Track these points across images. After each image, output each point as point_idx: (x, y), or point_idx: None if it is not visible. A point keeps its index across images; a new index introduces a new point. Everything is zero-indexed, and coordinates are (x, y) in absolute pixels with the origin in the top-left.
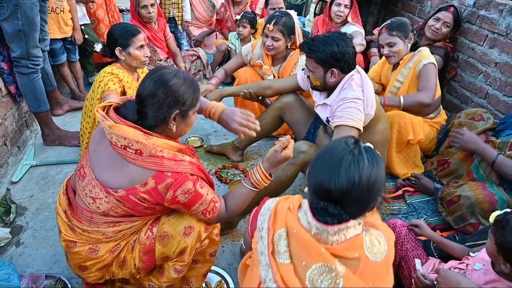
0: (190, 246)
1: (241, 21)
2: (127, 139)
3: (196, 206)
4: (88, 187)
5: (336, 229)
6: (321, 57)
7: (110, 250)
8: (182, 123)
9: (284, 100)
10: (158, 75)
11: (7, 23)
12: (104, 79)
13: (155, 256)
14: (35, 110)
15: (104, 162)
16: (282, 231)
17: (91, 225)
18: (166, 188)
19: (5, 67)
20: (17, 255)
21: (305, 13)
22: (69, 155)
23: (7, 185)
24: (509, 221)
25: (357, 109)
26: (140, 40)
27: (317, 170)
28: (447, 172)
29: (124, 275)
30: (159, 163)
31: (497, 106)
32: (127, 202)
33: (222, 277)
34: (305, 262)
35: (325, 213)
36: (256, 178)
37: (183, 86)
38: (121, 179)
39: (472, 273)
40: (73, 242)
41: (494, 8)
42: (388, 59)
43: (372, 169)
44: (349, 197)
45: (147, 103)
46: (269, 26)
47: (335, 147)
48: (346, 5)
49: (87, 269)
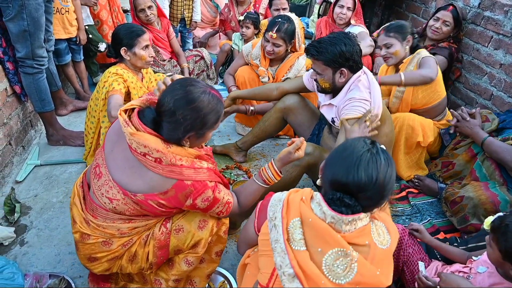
0: (204, 238)
1: (244, 22)
2: (147, 147)
3: (213, 209)
4: (104, 187)
5: (350, 219)
6: (330, 58)
7: (123, 244)
8: (197, 141)
9: (287, 101)
10: (181, 93)
11: (13, 23)
12: (109, 79)
13: (169, 250)
14: (39, 110)
15: (122, 165)
16: (296, 220)
17: (107, 220)
18: (186, 196)
19: (11, 67)
20: (21, 254)
21: (309, 14)
22: (73, 155)
23: (11, 184)
24: (508, 225)
25: (364, 108)
26: (145, 40)
27: (335, 165)
28: (452, 173)
29: (132, 270)
30: (178, 171)
31: (502, 108)
32: (145, 205)
33: (225, 277)
34: (320, 248)
35: (341, 203)
36: (268, 175)
37: (204, 109)
38: (140, 184)
39: (476, 276)
40: (87, 235)
41: (499, 9)
42: (386, 60)
43: (387, 169)
44: (365, 192)
45: (164, 119)
46: (272, 34)
47: (354, 144)
48: (348, 8)
49: (97, 260)
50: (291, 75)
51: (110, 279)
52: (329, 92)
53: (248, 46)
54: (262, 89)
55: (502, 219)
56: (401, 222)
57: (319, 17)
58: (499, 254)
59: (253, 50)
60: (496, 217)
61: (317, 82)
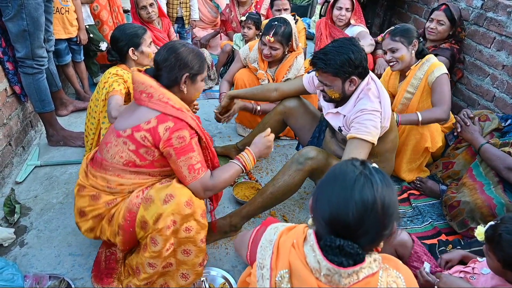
0: (165, 213)
1: (246, 22)
2: (144, 84)
3: (185, 158)
4: (106, 139)
5: (351, 271)
6: (339, 68)
7: (107, 201)
8: (191, 87)
9: (287, 104)
10: (170, 45)
11: (12, 23)
12: (109, 80)
13: (136, 218)
14: (39, 111)
15: (125, 115)
16: (284, 272)
17: (100, 170)
18: (165, 129)
19: (10, 67)
20: (21, 255)
21: (310, 15)
22: (73, 156)
23: (11, 185)
24: (501, 234)
25: (375, 121)
26: (149, 37)
27: (329, 198)
28: (451, 173)
29: (110, 234)
30: (163, 106)
31: (505, 109)
32: (132, 142)
33: (226, 279)
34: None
35: (340, 252)
36: (244, 158)
37: (191, 53)
38: (130, 121)
39: (479, 277)
40: (83, 187)
41: (502, 10)
42: (391, 65)
43: (386, 190)
44: (363, 225)
45: (161, 66)
46: (269, 38)
47: (344, 171)
48: (347, 9)
49: (85, 214)
50: (291, 76)
51: (113, 275)
52: (338, 101)
53: (245, 49)
54: (261, 89)
55: (494, 229)
56: (402, 224)
57: (320, 17)
58: (498, 263)
59: (250, 53)
60: (488, 227)
61: (324, 93)
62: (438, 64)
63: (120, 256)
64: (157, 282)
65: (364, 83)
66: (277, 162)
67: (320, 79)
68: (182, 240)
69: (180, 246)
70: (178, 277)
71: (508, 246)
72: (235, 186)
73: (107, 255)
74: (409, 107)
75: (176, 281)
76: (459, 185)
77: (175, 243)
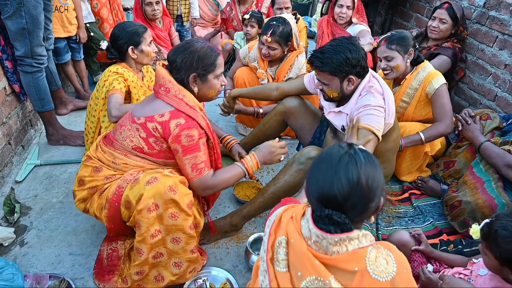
0: (145, 194)
1: (249, 21)
2: (164, 78)
3: (191, 156)
4: (122, 121)
5: (337, 239)
6: (336, 67)
7: (106, 176)
8: (203, 85)
9: (288, 104)
10: (179, 45)
11: (11, 21)
12: (109, 78)
13: (122, 196)
14: (39, 109)
15: (144, 103)
16: (282, 239)
17: (110, 147)
18: (176, 125)
19: (9, 65)
20: (21, 255)
21: (311, 13)
22: (73, 155)
23: (11, 184)
24: (497, 231)
25: (378, 116)
26: (149, 36)
27: (316, 178)
28: (452, 172)
29: (96, 207)
30: (178, 102)
31: (507, 109)
32: (144, 130)
33: (227, 279)
34: (300, 272)
35: (329, 221)
36: (248, 161)
37: (198, 52)
38: (146, 110)
39: (477, 279)
40: (89, 158)
41: (504, 8)
42: (385, 73)
43: (369, 167)
44: (350, 199)
45: (172, 67)
46: (266, 38)
47: (330, 152)
48: (348, 6)
49: (83, 184)
50: (292, 75)
51: (115, 272)
52: (337, 100)
53: (245, 49)
54: (262, 89)
55: (490, 226)
56: (403, 223)
57: (321, 15)
58: (496, 261)
59: (250, 53)
60: (483, 224)
61: (323, 92)
62: (435, 74)
63: (122, 253)
64: (151, 274)
65: (365, 81)
66: None
67: (319, 78)
68: (169, 228)
69: (169, 234)
70: (171, 266)
71: (504, 242)
72: (236, 186)
73: (109, 252)
74: (404, 115)
75: (169, 270)
76: (460, 183)
77: (162, 231)
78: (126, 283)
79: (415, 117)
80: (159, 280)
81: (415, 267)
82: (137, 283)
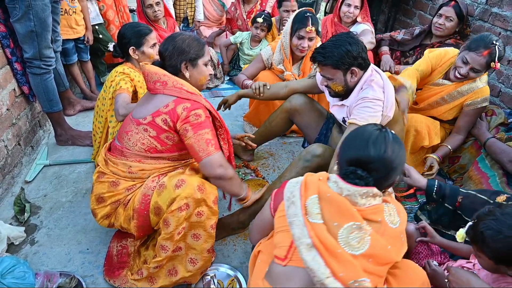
0: (179, 196)
1: (262, 24)
2: (157, 74)
3: (202, 132)
4: (125, 128)
5: (365, 191)
6: (338, 60)
7: (127, 187)
8: (194, 71)
9: (294, 102)
10: (169, 36)
11: (20, 24)
12: (116, 79)
13: (150, 203)
14: (48, 110)
15: (142, 104)
16: (314, 197)
17: (120, 157)
18: (183, 109)
19: (19, 67)
20: (32, 253)
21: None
22: (81, 155)
23: (21, 184)
24: (483, 232)
25: (373, 109)
26: (153, 38)
27: (348, 146)
28: (457, 167)
29: (124, 219)
30: (178, 91)
31: (510, 104)
32: (153, 128)
33: (235, 275)
34: (337, 223)
35: (354, 176)
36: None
37: (187, 40)
38: (149, 109)
39: (480, 272)
40: (103, 174)
41: (507, 5)
42: (463, 76)
43: (396, 145)
44: (374, 163)
45: (163, 56)
46: (310, 28)
47: (365, 128)
48: (356, 6)
49: (104, 201)
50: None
51: (125, 268)
52: (343, 95)
53: (268, 50)
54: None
55: (474, 228)
56: (409, 219)
57: (325, 15)
58: (490, 261)
59: (274, 56)
60: (467, 228)
61: (329, 88)
62: (486, 92)
63: (132, 250)
64: (166, 266)
65: (367, 74)
66: (284, 159)
67: (322, 73)
68: (193, 224)
69: (191, 230)
70: (186, 261)
71: (493, 241)
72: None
73: (119, 249)
74: (433, 110)
75: (184, 266)
76: (465, 178)
77: (186, 227)
78: (141, 274)
79: (442, 116)
80: (173, 274)
81: (420, 259)
82: (151, 275)
